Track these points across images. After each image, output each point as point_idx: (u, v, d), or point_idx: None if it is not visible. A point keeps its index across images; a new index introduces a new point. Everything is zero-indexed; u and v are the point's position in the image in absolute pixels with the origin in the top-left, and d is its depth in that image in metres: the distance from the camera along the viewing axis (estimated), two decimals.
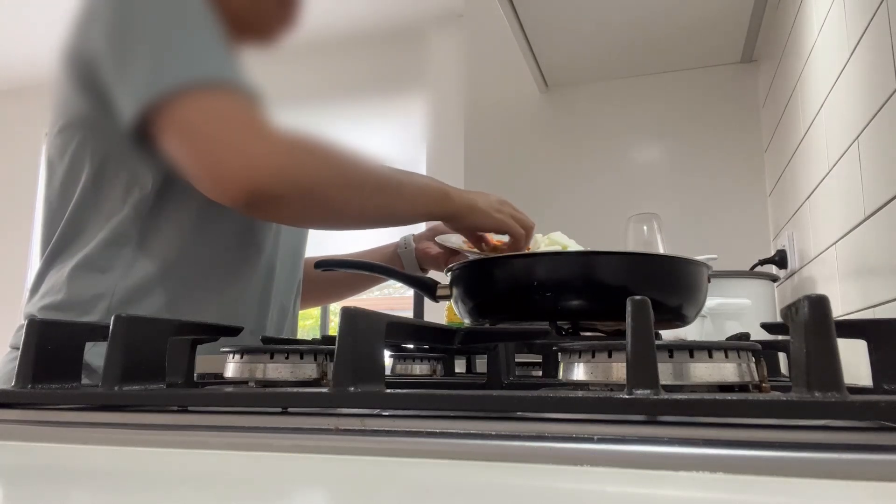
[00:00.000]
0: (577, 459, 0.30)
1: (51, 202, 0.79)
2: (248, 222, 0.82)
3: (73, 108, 0.75)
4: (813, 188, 1.19)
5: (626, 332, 0.36)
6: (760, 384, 0.43)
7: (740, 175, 1.73)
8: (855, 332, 0.45)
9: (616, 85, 1.88)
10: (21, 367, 0.47)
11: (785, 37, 1.39)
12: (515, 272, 0.69)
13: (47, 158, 0.80)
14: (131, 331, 0.45)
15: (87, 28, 0.72)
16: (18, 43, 3.47)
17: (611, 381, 0.41)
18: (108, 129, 0.72)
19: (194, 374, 0.54)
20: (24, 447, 0.39)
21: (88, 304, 0.74)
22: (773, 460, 0.28)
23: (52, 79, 0.79)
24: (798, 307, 0.35)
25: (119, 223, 0.75)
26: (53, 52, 0.78)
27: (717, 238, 1.71)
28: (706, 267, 0.70)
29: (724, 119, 1.77)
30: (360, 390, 0.38)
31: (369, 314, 0.40)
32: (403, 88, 3.25)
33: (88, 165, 0.75)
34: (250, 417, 0.39)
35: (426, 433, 0.34)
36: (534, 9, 1.52)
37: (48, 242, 0.79)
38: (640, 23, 1.58)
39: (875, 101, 0.85)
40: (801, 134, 1.28)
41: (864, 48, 0.90)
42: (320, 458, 0.34)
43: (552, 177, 1.90)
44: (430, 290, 0.82)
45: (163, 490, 0.29)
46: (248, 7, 0.83)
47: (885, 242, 0.85)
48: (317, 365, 0.50)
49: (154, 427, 0.40)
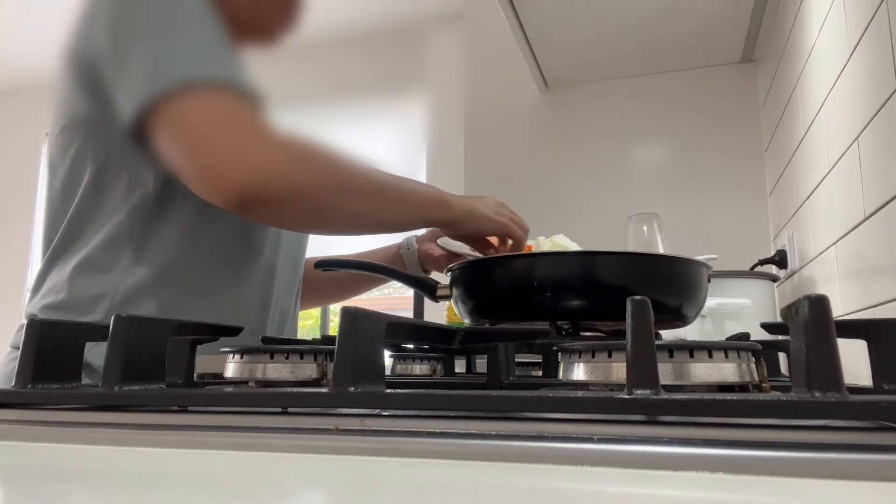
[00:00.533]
0: (577, 459, 0.30)
1: (52, 202, 0.79)
2: (248, 223, 0.82)
3: (74, 108, 0.75)
4: (813, 188, 1.19)
5: (626, 332, 0.36)
6: (760, 384, 0.43)
7: (740, 175, 1.73)
8: (855, 332, 0.45)
9: (616, 85, 1.88)
10: (21, 367, 0.47)
11: (785, 37, 1.39)
12: (515, 272, 0.69)
13: (49, 159, 0.80)
14: (131, 331, 0.45)
15: (88, 28, 0.72)
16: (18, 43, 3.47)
17: (611, 381, 0.41)
18: (110, 130, 0.72)
19: (194, 374, 0.54)
20: (24, 447, 0.39)
21: (90, 303, 0.74)
22: (773, 460, 0.28)
23: (53, 79, 0.79)
24: (798, 307, 0.35)
25: (120, 223, 0.75)
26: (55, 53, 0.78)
27: (717, 238, 1.71)
28: (706, 267, 0.70)
29: (724, 119, 1.77)
30: (360, 390, 0.38)
31: (369, 314, 0.40)
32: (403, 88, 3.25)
33: (90, 166, 0.76)
34: (250, 417, 0.39)
35: (426, 433, 0.34)
36: (534, 9, 1.52)
37: (50, 242, 0.79)
38: (640, 23, 1.58)
39: (875, 101, 0.85)
40: (801, 134, 1.28)
41: (864, 48, 0.90)
42: (320, 458, 0.34)
43: (552, 177, 1.90)
44: (430, 291, 0.82)
45: (163, 490, 0.29)
46: (250, 8, 0.83)
47: (885, 242, 0.85)
48: (317, 365, 0.50)
49: (154, 427, 0.40)
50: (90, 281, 0.75)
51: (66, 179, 0.77)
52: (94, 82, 0.71)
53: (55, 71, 0.78)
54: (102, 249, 0.75)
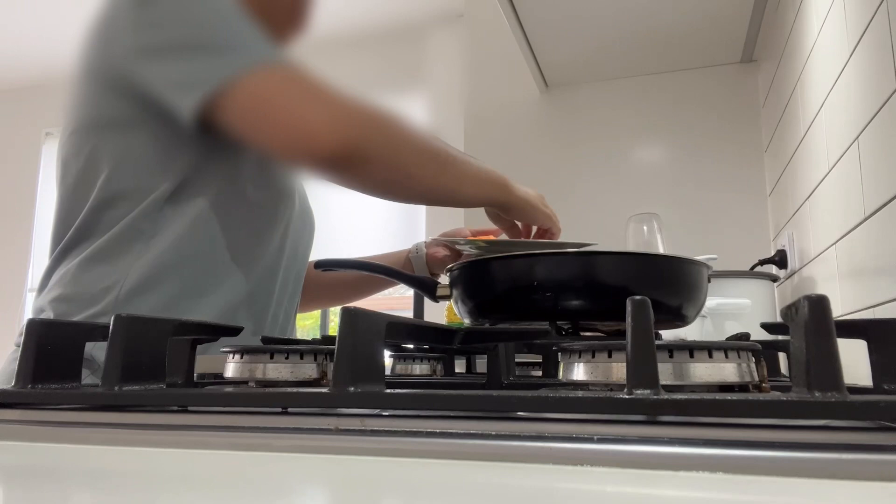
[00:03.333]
0: (577, 459, 0.30)
1: (64, 200, 0.80)
2: (255, 224, 0.82)
3: (94, 111, 0.77)
4: (813, 188, 1.19)
5: (626, 332, 0.36)
6: (760, 384, 0.43)
7: (740, 175, 1.73)
8: (855, 332, 0.45)
9: (616, 85, 1.88)
10: (21, 367, 0.47)
11: (785, 37, 1.39)
12: (515, 272, 0.69)
13: (61, 158, 0.81)
14: (131, 331, 0.45)
15: (112, 33, 0.74)
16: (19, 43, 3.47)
17: (611, 381, 0.41)
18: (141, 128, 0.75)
19: (194, 374, 0.54)
20: (24, 447, 0.39)
21: (97, 295, 0.75)
22: (773, 460, 0.28)
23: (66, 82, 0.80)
24: (798, 307, 0.35)
25: (132, 219, 0.76)
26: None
27: (717, 238, 1.71)
28: (706, 267, 0.70)
29: (724, 119, 1.77)
30: (360, 390, 0.38)
31: (369, 314, 0.40)
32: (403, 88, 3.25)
33: (105, 166, 0.77)
34: (250, 417, 0.39)
35: (426, 433, 0.34)
36: (534, 9, 1.52)
37: (60, 238, 0.80)
38: (640, 23, 1.58)
39: (875, 101, 0.85)
40: (801, 134, 1.28)
41: (864, 48, 0.90)
42: (320, 458, 0.34)
43: (552, 177, 1.90)
44: (430, 290, 0.82)
45: (163, 490, 0.29)
46: (261, 10, 0.83)
47: (885, 242, 0.85)
48: (317, 365, 0.50)
49: (154, 427, 0.40)
50: (98, 273, 0.76)
51: (80, 178, 0.78)
52: (123, 86, 0.74)
53: (69, 74, 0.79)
54: (112, 244, 0.76)
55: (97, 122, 0.77)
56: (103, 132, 0.76)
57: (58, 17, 3.16)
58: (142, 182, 0.76)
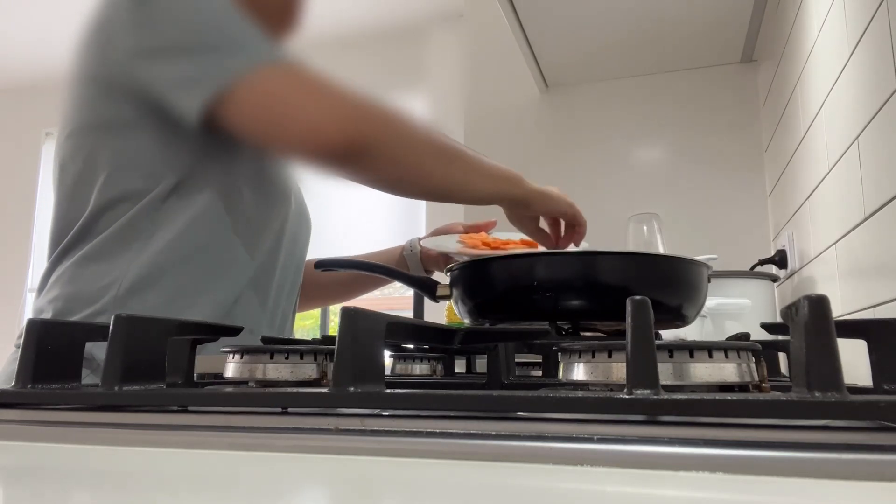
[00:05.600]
0: (577, 459, 0.30)
1: (61, 203, 0.80)
2: (252, 223, 0.82)
3: (91, 113, 0.77)
4: (813, 188, 1.19)
5: (626, 332, 0.36)
6: (760, 384, 0.43)
7: (740, 175, 1.73)
8: (855, 332, 0.45)
9: (616, 85, 1.88)
10: (21, 367, 0.47)
11: (785, 37, 1.39)
12: (515, 272, 0.69)
13: (59, 160, 0.81)
14: (131, 331, 0.45)
15: (109, 36, 0.74)
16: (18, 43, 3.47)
17: (611, 381, 0.41)
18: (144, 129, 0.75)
19: (194, 374, 0.54)
20: (24, 447, 0.39)
21: (96, 294, 0.75)
22: (773, 460, 0.28)
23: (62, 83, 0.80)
24: (798, 307, 0.35)
25: (130, 218, 0.77)
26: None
27: (717, 238, 1.71)
28: (706, 267, 0.70)
29: (724, 119, 1.77)
30: (360, 390, 0.38)
31: (369, 314, 0.40)
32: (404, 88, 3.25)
33: (104, 168, 0.77)
34: (250, 417, 0.39)
35: (426, 433, 0.34)
36: (534, 9, 1.52)
37: (59, 240, 0.80)
38: (640, 23, 1.58)
39: (875, 101, 0.85)
40: (801, 134, 1.28)
41: (864, 48, 0.90)
42: (320, 458, 0.34)
43: (552, 177, 1.89)
44: (430, 290, 0.82)
45: (163, 490, 0.29)
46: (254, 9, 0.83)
47: (885, 242, 0.85)
48: (317, 365, 0.50)
49: (154, 427, 0.40)
50: (97, 272, 0.76)
51: (78, 180, 0.78)
52: (122, 87, 0.74)
53: (65, 76, 0.79)
54: (110, 243, 0.77)
55: (95, 124, 0.77)
56: (101, 134, 0.76)
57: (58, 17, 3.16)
58: (140, 183, 0.76)
